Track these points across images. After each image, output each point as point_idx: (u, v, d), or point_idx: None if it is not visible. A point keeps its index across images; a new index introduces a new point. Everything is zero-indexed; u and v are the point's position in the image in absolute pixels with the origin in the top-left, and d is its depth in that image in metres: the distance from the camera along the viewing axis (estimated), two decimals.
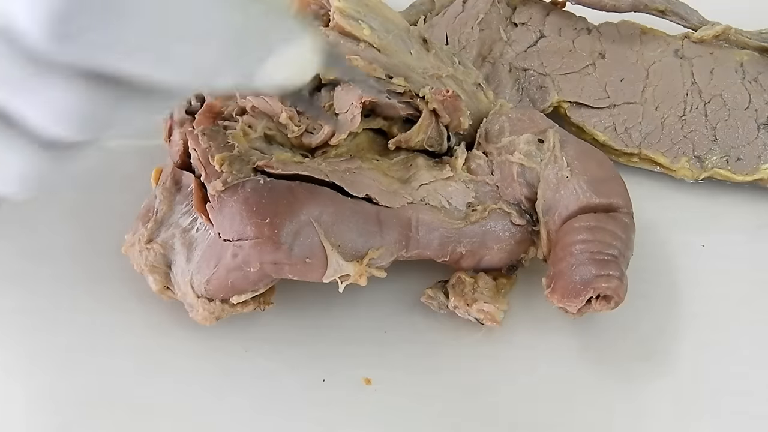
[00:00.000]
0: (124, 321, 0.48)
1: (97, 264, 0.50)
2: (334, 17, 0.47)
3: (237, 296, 0.45)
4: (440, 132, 0.49)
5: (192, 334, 0.47)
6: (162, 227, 0.47)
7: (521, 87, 0.56)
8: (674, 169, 0.54)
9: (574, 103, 0.56)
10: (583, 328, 0.49)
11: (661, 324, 0.49)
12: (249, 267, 0.43)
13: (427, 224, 0.46)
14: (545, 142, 0.48)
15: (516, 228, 0.47)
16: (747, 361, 0.48)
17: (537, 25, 0.58)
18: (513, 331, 0.48)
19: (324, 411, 0.46)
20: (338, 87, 0.48)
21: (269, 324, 0.48)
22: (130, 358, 0.47)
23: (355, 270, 0.44)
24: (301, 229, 0.43)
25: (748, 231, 0.54)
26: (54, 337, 0.48)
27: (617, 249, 0.45)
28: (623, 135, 0.55)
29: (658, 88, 0.56)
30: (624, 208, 0.47)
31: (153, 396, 0.46)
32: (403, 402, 0.46)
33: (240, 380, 0.46)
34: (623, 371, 0.48)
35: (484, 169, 0.48)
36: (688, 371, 0.47)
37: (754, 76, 0.56)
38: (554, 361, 0.48)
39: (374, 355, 0.48)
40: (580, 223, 0.45)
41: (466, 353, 0.48)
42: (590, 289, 0.44)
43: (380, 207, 0.45)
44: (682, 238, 0.53)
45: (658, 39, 0.58)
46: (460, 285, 0.47)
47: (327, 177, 0.45)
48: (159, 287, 0.47)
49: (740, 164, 0.54)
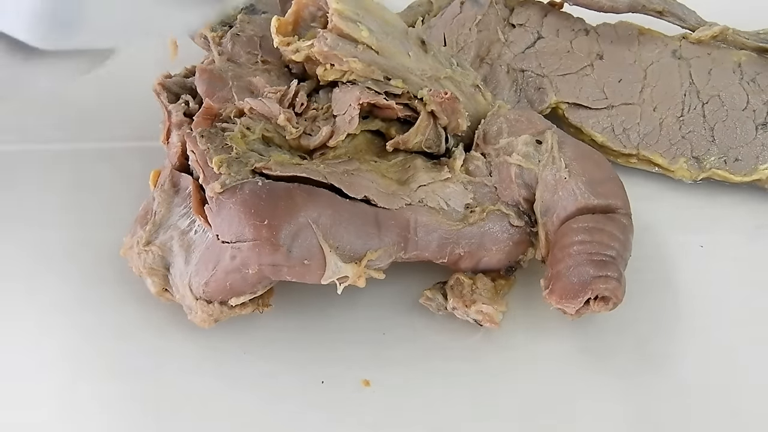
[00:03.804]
0: (123, 323, 0.48)
1: (95, 266, 0.50)
2: (333, 19, 0.47)
3: (235, 298, 0.45)
4: (438, 133, 0.49)
5: (191, 336, 0.47)
6: (160, 229, 0.47)
7: (519, 88, 0.56)
8: (672, 170, 0.54)
9: (572, 104, 0.56)
10: (581, 329, 0.49)
11: (660, 325, 0.49)
12: (247, 269, 0.43)
13: (425, 226, 0.46)
14: (543, 143, 0.48)
15: (514, 229, 0.47)
16: (746, 361, 0.48)
17: (535, 27, 0.58)
18: (511, 332, 0.48)
19: (323, 412, 0.46)
20: (336, 88, 0.49)
21: (268, 326, 0.48)
22: (129, 360, 0.47)
23: (353, 272, 0.44)
24: (299, 230, 0.43)
25: (746, 231, 0.54)
26: (52, 340, 0.48)
27: (615, 250, 0.45)
28: (621, 136, 0.55)
29: (656, 89, 0.56)
30: (622, 209, 0.47)
31: (152, 398, 0.46)
32: (402, 403, 0.46)
33: (239, 382, 0.46)
34: (622, 372, 0.48)
35: (483, 170, 0.48)
36: (687, 372, 0.47)
37: (752, 77, 0.56)
38: (553, 361, 0.48)
39: (373, 356, 0.48)
40: (579, 224, 0.45)
41: (464, 354, 0.48)
42: (588, 290, 0.44)
43: (378, 208, 0.45)
44: (680, 238, 0.53)
45: (655, 40, 0.58)
46: (459, 286, 0.47)
47: (325, 179, 0.45)
48: (158, 289, 0.47)
49: (738, 165, 0.54)
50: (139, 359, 0.47)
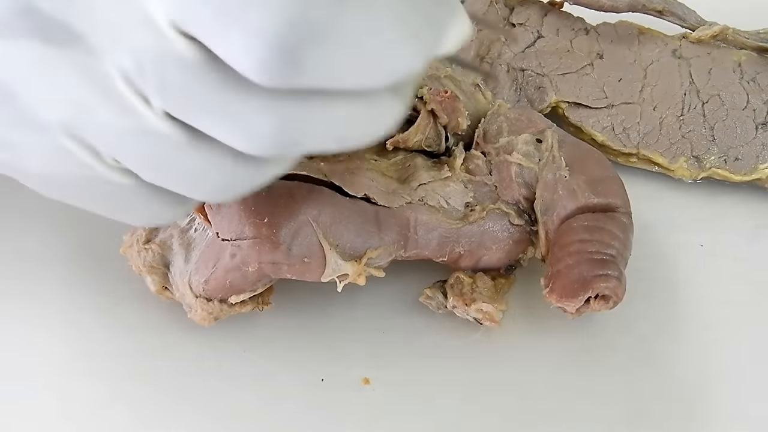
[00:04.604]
0: (123, 321, 0.48)
1: (94, 264, 0.50)
2: None
3: (235, 296, 0.45)
4: (438, 132, 0.49)
5: (190, 334, 0.47)
6: (160, 228, 0.47)
7: (519, 87, 0.56)
8: (672, 169, 0.54)
9: (572, 103, 0.56)
10: (581, 328, 0.49)
11: (660, 324, 0.49)
12: (247, 267, 0.43)
13: (425, 224, 0.46)
14: (543, 142, 0.48)
15: (514, 228, 0.47)
16: (746, 361, 0.48)
17: (535, 26, 0.58)
18: (511, 331, 0.48)
19: (323, 411, 0.46)
20: None
21: (268, 324, 0.48)
22: (128, 359, 0.47)
23: (353, 270, 0.44)
24: (299, 228, 0.43)
25: (746, 231, 0.54)
26: (51, 338, 0.48)
27: (616, 249, 0.45)
28: (621, 135, 0.55)
29: (656, 88, 0.56)
30: (622, 208, 0.47)
31: (151, 396, 0.46)
32: (402, 402, 0.46)
33: (238, 380, 0.46)
34: (622, 371, 0.47)
35: (483, 169, 0.48)
36: (687, 371, 0.47)
37: (752, 76, 0.56)
38: (553, 360, 0.48)
39: (373, 355, 0.48)
40: (579, 223, 0.45)
41: (464, 353, 0.48)
42: (589, 289, 0.43)
43: (379, 207, 0.45)
44: (680, 238, 0.53)
45: (655, 39, 0.58)
46: (459, 285, 0.47)
47: (325, 177, 0.45)
48: (157, 288, 0.47)
49: (738, 164, 0.54)
50: (138, 357, 0.47)
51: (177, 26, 0.29)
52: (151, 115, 0.31)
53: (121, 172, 0.33)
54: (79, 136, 0.32)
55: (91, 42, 0.30)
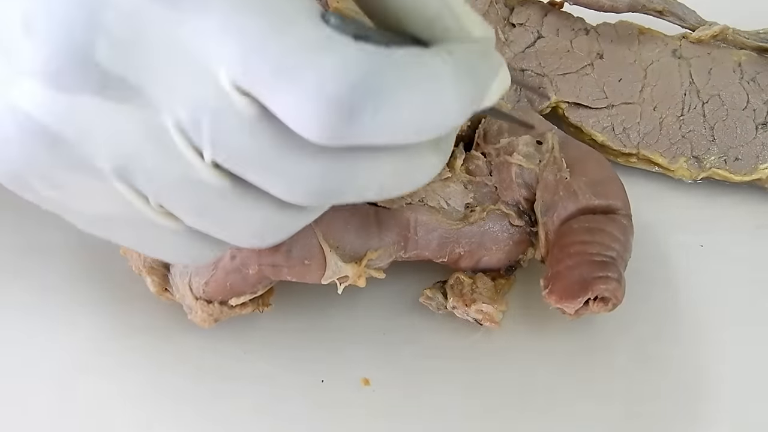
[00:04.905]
0: (123, 322, 0.48)
1: (95, 265, 0.50)
2: None
3: (235, 298, 0.45)
4: None
5: (190, 335, 0.47)
6: None
7: (519, 87, 0.56)
8: (672, 170, 0.54)
9: (572, 103, 0.56)
10: (581, 329, 0.49)
11: (660, 325, 0.49)
12: (247, 269, 0.43)
13: (425, 225, 0.46)
14: (544, 143, 0.48)
15: (514, 229, 0.47)
16: (747, 361, 0.48)
17: (535, 26, 0.58)
18: (511, 332, 0.48)
19: (323, 412, 0.46)
20: None
21: (268, 326, 0.48)
22: (128, 360, 0.47)
23: (353, 271, 0.44)
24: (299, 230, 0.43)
25: (746, 231, 0.54)
26: (51, 338, 0.48)
27: (616, 251, 0.45)
28: (621, 135, 0.55)
29: (656, 89, 0.56)
30: (623, 209, 0.47)
31: (151, 397, 0.46)
32: (402, 402, 0.46)
33: (239, 382, 0.46)
34: (622, 372, 0.48)
35: (483, 170, 0.48)
36: (687, 372, 0.48)
37: (752, 76, 0.56)
38: (552, 362, 0.48)
39: (373, 355, 0.48)
40: (579, 225, 0.45)
41: (464, 354, 0.48)
42: (588, 291, 0.44)
43: (378, 208, 0.45)
44: (680, 238, 0.53)
45: (655, 39, 0.58)
46: (459, 285, 0.47)
47: None
48: (157, 289, 0.47)
49: (738, 164, 0.54)
50: (138, 358, 0.47)
51: (236, 83, 0.29)
52: (202, 165, 0.31)
53: (165, 216, 0.34)
54: (130, 181, 0.32)
55: (148, 94, 0.31)
